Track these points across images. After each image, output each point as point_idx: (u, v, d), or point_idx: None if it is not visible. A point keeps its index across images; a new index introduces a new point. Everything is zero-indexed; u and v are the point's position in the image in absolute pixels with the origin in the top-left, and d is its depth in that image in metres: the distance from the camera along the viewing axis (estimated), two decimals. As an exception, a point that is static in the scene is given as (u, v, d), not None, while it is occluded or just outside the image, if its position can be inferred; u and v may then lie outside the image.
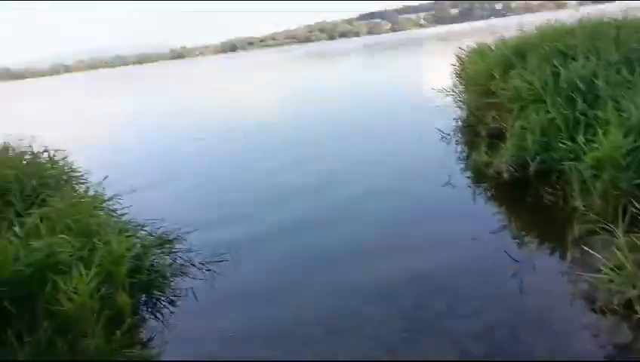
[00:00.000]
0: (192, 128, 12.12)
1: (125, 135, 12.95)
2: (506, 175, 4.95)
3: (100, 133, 13.62)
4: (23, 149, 5.48)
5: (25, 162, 5.02)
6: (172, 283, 3.73)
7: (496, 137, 6.00)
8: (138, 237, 3.96)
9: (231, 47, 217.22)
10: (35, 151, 5.31)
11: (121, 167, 8.56)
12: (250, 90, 22.60)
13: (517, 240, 3.92)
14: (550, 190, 4.53)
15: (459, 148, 6.80)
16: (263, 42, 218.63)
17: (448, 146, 6.85)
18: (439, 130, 7.45)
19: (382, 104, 11.91)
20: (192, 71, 57.19)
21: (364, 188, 5.59)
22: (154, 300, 3.56)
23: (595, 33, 6.21)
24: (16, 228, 3.48)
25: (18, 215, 3.86)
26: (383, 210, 4.87)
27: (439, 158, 6.32)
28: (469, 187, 5.28)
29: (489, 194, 5.04)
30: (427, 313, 3.04)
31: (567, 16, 7.41)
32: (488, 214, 4.50)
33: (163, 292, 3.59)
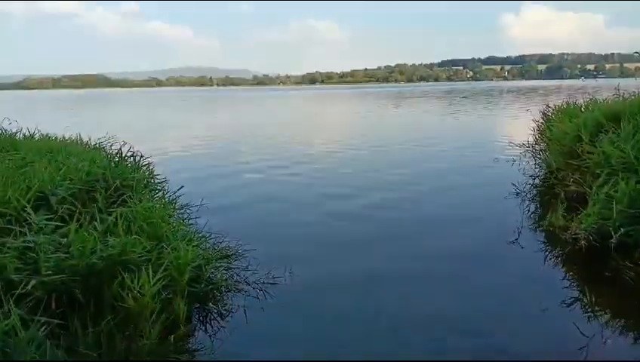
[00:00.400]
0: (285, 153, 12.42)
1: (212, 151, 13.49)
2: (583, 242, 4.60)
3: (187, 145, 14.42)
4: (114, 151, 6.03)
5: (113, 163, 5.46)
6: (225, 298, 3.81)
7: (576, 201, 5.65)
8: (202, 248, 4.12)
9: (310, 79, 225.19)
10: (124, 155, 5.78)
11: (201, 181, 9.02)
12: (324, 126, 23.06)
13: (589, 315, 3.60)
14: (632, 266, 4.16)
15: (532, 207, 6.45)
16: (342, 78, 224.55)
17: (522, 204, 6.52)
18: (515, 185, 7.15)
19: (457, 154, 11.65)
20: (278, 97, 59.32)
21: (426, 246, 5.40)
22: (206, 312, 3.65)
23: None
24: (97, 223, 3.76)
25: (100, 211, 4.16)
26: (450, 274, 4.55)
27: (512, 216, 6.02)
28: (541, 250, 4.96)
29: (562, 260, 4.70)
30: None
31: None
32: (560, 282, 4.19)
33: (216, 306, 3.67)
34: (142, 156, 5.81)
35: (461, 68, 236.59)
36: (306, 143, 14.03)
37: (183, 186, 5.11)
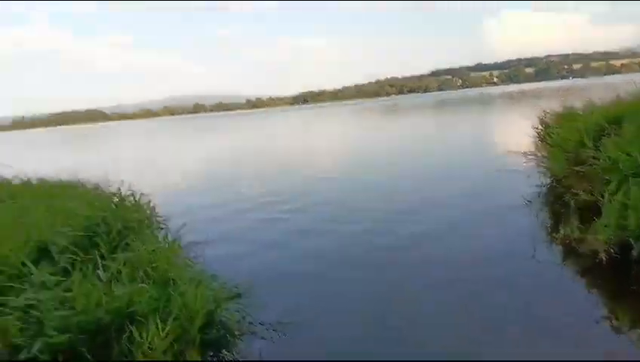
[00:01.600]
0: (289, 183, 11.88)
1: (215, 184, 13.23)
2: (603, 255, 4.46)
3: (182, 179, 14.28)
4: (111, 191, 5.90)
5: (113, 205, 5.33)
6: (239, 343, 3.64)
7: (588, 210, 5.52)
8: (211, 289, 3.95)
9: (303, 99, 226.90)
10: (123, 195, 5.64)
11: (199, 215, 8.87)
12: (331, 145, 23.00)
13: (616, 333, 3.45)
14: (658, 278, 4.02)
15: (543, 219, 6.31)
16: (333, 96, 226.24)
17: (531, 216, 6.37)
18: (522, 196, 7.02)
19: (455, 165, 11.57)
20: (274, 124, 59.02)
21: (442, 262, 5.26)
22: (220, 359, 3.47)
23: None
24: (100, 272, 3.61)
25: (102, 257, 4.01)
26: (469, 295, 4.36)
27: (524, 230, 5.88)
28: (559, 265, 4.79)
29: (582, 275, 4.55)
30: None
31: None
32: (583, 299, 4.03)
33: (231, 352, 3.49)
34: (141, 194, 5.68)
35: (450, 77, 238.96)
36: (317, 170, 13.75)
37: (185, 223, 4.96)
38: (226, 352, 3.48)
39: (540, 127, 9.16)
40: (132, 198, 5.62)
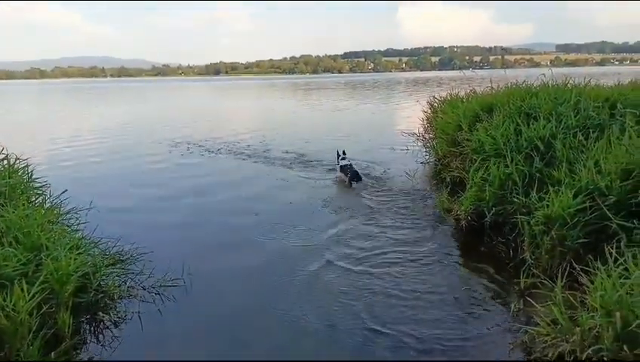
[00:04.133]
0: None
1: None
2: (463, 222, 5.11)
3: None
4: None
5: (-19, 168, 4.89)
6: (119, 306, 3.64)
7: (459, 185, 6.22)
8: (90, 255, 3.87)
9: (215, 70, 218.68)
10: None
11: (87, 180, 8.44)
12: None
13: (465, 288, 4.02)
14: (503, 241, 4.71)
15: (423, 191, 6.96)
16: (247, 69, 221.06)
17: (413, 190, 7.00)
18: (407, 173, 7.65)
19: (353, 141, 12.05)
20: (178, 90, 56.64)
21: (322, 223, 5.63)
22: (98, 321, 3.46)
23: (558, 98, 6.60)
24: (-38, 237, 3.37)
25: (-35, 222, 3.72)
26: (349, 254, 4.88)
27: (405, 200, 6.47)
28: (429, 230, 5.39)
29: (446, 239, 5.16)
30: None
31: (539, 74, 7.81)
32: (442, 259, 4.61)
33: (108, 314, 3.49)
34: (17, 158, 5.27)
35: (363, 59, 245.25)
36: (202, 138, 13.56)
37: (66, 190, 4.73)
38: (103, 314, 3.47)
39: (429, 111, 9.93)
40: (4, 162, 5.19)
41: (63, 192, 4.72)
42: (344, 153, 8.08)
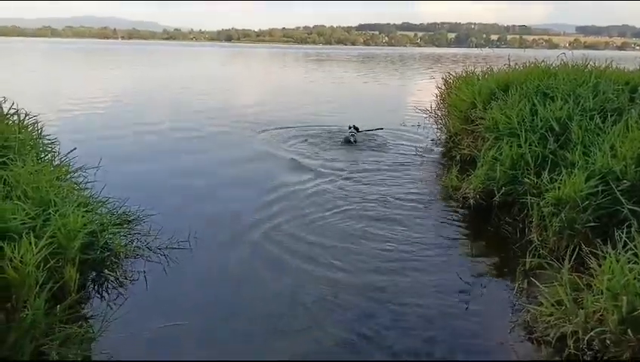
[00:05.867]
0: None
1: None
2: (472, 201, 5.06)
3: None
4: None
5: (-9, 122, 4.88)
6: (125, 265, 3.69)
7: (469, 163, 6.15)
8: (98, 214, 3.90)
9: (226, 36, 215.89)
10: (5, 113, 5.17)
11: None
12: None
13: (470, 264, 4.02)
14: (511, 221, 4.67)
15: (434, 168, 6.90)
16: (259, 37, 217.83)
17: (423, 167, 6.94)
18: (417, 149, 7.57)
19: (364, 116, 11.90)
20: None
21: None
22: (103, 279, 3.51)
23: (577, 79, 6.44)
24: (-30, 188, 3.39)
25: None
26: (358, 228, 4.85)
27: (414, 176, 6.42)
28: (436, 208, 5.35)
29: (454, 217, 5.12)
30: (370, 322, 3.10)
31: (556, 55, 7.62)
32: (449, 237, 4.59)
33: (114, 273, 3.53)
34: (27, 114, 5.25)
35: (377, 32, 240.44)
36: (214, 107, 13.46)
37: (75, 148, 4.73)
38: (108, 272, 3.51)
39: (444, 87, 9.75)
40: (15, 117, 5.18)
41: (72, 150, 4.71)
42: (355, 128, 8.75)
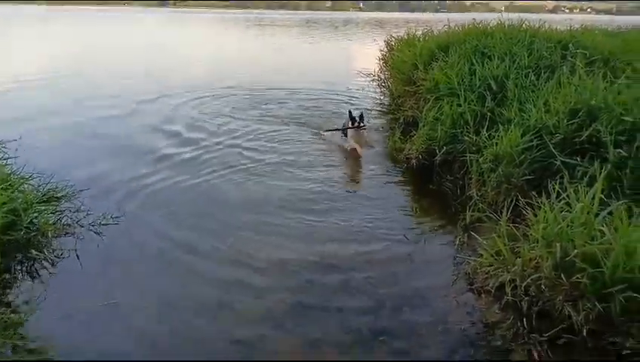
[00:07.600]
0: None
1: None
2: (414, 162, 5.13)
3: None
4: None
5: None
6: (55, 243, 3.43)
7: (412, 125, 6.20)
8: (20, 191, 3.58)
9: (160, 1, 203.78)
10: None
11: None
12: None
13: (413, 222, 4.10)
14: (452, 178, 4.79)
15: (378, 131, 6.91)
16: (197, 0, 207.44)
17: (367, 132, 6.90)
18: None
19: (307, 80, 11.64)
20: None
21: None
22: (31, 260, 3.25)
23: (512, 38, 6.60)
24: None
25: None
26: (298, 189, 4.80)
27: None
28: (380, 170, 5.39)
29: (395, 178, 5.17)
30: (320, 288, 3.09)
31: (493, 18, 7.76)
32: (393, 196, 4.65)
33: (42, 253, 3.28)
34: None
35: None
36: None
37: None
38: (36, 253, 3.25)
39: (386, 50, 9.73)
40: None
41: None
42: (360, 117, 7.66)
